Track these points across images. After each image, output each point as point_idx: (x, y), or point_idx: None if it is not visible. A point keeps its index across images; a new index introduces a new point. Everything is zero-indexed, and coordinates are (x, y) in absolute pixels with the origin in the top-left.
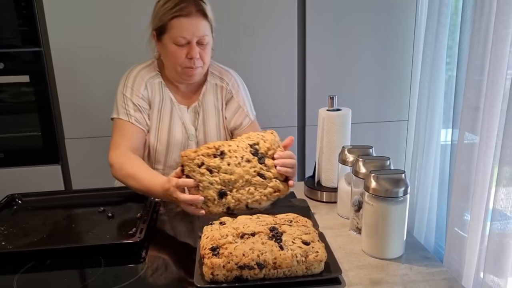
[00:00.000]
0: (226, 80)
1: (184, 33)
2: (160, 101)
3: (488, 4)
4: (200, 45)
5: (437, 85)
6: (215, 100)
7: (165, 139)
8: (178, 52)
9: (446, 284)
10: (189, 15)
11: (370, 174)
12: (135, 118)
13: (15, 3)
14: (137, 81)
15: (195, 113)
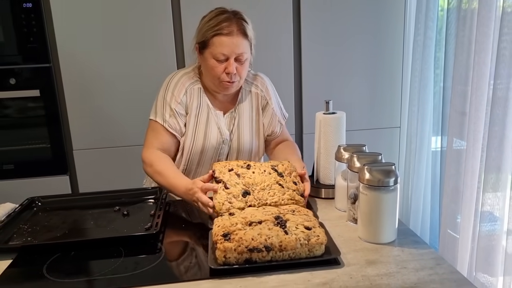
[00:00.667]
0: (260, 86)
1: (224, 50)
2: (197, 107)
3: (469, 17)
4: (238, 61)
5: (426, 93)
6: (250, 107)
7: (200, 142)
8: (217, 67)
9: (434, 262)
10: (230, 34)
11: (364, 166)
12: (169, 123)
13: (26, 21)
14: (178, 87)
15: (231, 119)
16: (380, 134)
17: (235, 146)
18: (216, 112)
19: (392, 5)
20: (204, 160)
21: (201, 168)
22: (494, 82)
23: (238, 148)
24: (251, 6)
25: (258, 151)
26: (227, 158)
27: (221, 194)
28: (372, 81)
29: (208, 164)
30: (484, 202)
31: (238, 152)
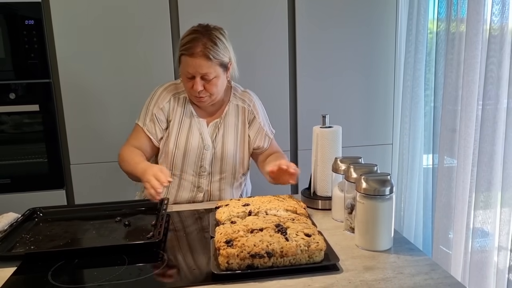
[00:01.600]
0: (247, 101)
1: (189, 69)
2: (181, 114)
3: (458, 39)
4: (205, 79)
5: (417, 111)
6: (236, 119)
7: (183, 145)
8: (186, 83)
9: (429, 267)
10: (192, 55)
11: (361, 176)
12: (148, 127)
13: (28, 38)
14: (163, 95)
15: (215, 128)
16: (372, 151)
17: (218, 154)
18: (199, 119)
19: (384, 28)
20: (187, 165)
21: (185, 174)
22: (483, 102)
23: (222, 156)
24: (246, 22)
25: (243, 162)
26: (211, 165)
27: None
28: (365, 99)
29: (192, 170)
30: (476, 218)
31: (222, 160)
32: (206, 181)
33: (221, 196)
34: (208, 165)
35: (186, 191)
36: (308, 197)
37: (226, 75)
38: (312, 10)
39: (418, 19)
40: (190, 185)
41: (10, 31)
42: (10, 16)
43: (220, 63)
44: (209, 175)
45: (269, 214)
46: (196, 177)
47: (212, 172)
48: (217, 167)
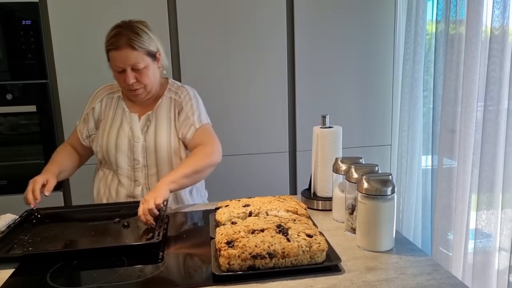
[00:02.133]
0: (179, 93)
1: (117, 63)
2: (114, 112)
3: (457, 41)
4: (136, 70)
5: (416, 112)
6: (168, 110)
7: (113, 141)
8: (118, 78)
9: (431, 268)
10: (118, 48)
11: (362, 176)
12: (80, 127)
13: (25, 38)
14: (96, 96)
15: (146, 121)
16: (371, 152)
17: (151, 146)
18: (131, 115)
19: (382, 29)
20: (121, 159)
21: (120, 169)
22: (485, 102)
23: (155, 148)
24: (245, 22)
25: (179, 154)
26: (145, 157)
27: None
28: (364, 100)
29: (126, 164)
30: (476, 219)
31: (156, 152)
32: (142, 174)
33: None
34: (142, 158)
35: (123, 185)
36: (308, 198)
37: (157, 65)
38: (311, 11)
39: (417, 21)
40: (127, 180)
41: (7, 31)
42: (7, 16)
43: (147, 52)
44: (145, 167)
45: (269, 214)
46: (132, 171)
47: (148, 165)
48: (151, 159)
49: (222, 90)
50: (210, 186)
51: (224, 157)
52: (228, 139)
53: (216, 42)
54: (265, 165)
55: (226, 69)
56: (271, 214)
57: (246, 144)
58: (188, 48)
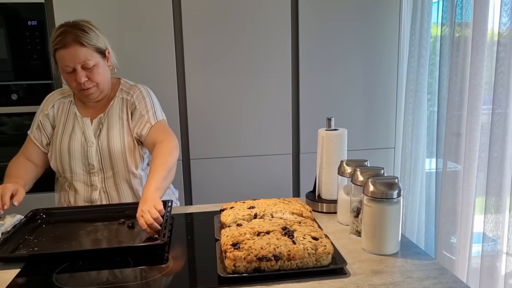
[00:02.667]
0: (131, 93)
1: (66, 62)
2: (65, 117)
3: (463, 44)
4: (86, 69)
5: (420, 115)
6: (120, 111)
7: (66, 147)
8: (68, 79)
9: (437, 272)
10: (65, 46)
11: (368, 179)
12: (34, 134)
13: (30, 39)
14: (48, 102)
15: (99, 124)
16: (375, 155)
17: (105, 149)
18: (83, 119)
19: (386, 32)
20: (75, 165)
21: (75, 175)
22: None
23: (109, 151)
24: (248, 22)
25: (134, 155)
26: (100, 161)
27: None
28: (367, 102)
29: (81, 169)
30: (482, 223)
31: (110, 155)
32: (99, 178)
33: (120, 194)
34: (96, 162)
35: (80, 191)
36: (313, 200)
37: (106, 63)
38: (315, 12)
39: (422, 23)
40: (83, 185)
41: (12, 32)
42: (13, 17)
43: (96, 49)
44: (101, 171)
45: (275, 217)
46: (87, 176)
47: (103, 169)
48: (106, 162)
49: (226, 92)
50: (213, 187)
51: (228, 159)
52: (231, 140)
53: (220, 43)
54: (269, 167)
55: (230, 71)
56: (276, 216)
57: (249, 145)
58: (192, 49)
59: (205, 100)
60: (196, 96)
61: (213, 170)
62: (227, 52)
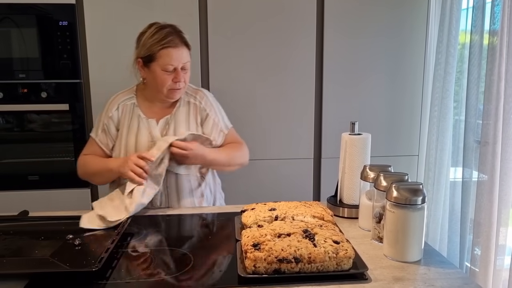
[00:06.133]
0: (198, 98)
1: (172, 61)
2: (129, 119)
3: (498, 49)
4: (183, 70)
5: (445, 123)
6: (187, 115)
7: (132, 146)
8: (166, 78)
9: (461, 281)
10: (176, 46)
11: (391, 184)
12: (100, 138)
13: (61, 38)
14: (112, 103)
15: (165, 125)
16: (397, 162)
17: None
18: (148, 120)
19: (413, 38)
20: None
21: None
22: None
23: None
24: (274, 28)
25: None
26: None
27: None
28: (392, 108)
29: None
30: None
31: None
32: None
33: (180, 195)
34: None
35: None
36: (334, 205)
37: None
38: (341, 18)
39: (450, 30)
40: None
41: (43, 32)
42: (45, 18)
43: (190, 54)
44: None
45: (295, 219)
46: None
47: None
48: (171, 163)
49: (249, 95)
50: (234, 188)
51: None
52: (253, 143)
53: (244, 46)
54: (290, 170)
55: (253, 74)
56: (297, 219)
57: (271, 149)
58: (217, 52)
59: (229, 103)
60: (220, 99)
61: (235, 172)
62: (250, 55)
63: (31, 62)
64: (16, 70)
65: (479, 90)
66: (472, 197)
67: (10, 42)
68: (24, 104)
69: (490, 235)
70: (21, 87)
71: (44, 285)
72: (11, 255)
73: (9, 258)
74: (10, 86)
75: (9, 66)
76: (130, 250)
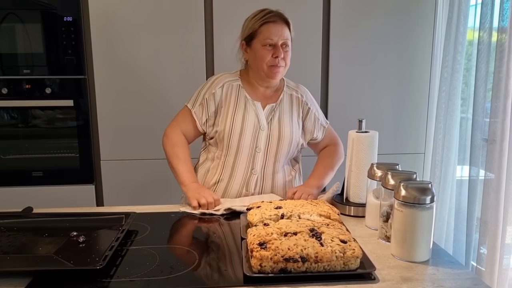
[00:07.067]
0: (300, 92)
1: (272, 35)
2: (236, 98)
3: (507, 47)
4: (284, 48)
5: (452, 120)
6: (290, 106)
7: (239, 125)
8: (266, 53)
9: (471, 282)
10: (276, 21)
11: (400, 183)
12: (195, 110)
13: (66, 34)
14: (216, 81)
15: (271, 111)
16: (404, 159)
17: (275, 136)
18: (254, 102)
19: (421, 35)
20: (243, 144)
21: (240, 154)
22: None
23: (279, 137)
24: None
25: (298, 145)
26: (266, 146)
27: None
28: (398, 105)
29: (247, 150)
30: None
31: (279, 142)
32: (260, 162)
33: (274, 184)
34: (263, 146)
35: (240, 172)
36: (341, 203)
37: None
38: (347, 13)
39: (458, 27)
40: (244, 166)
41: (48, 27)
42: (50, 13)
43: (291, 37)
44: (264, 156)
45: (302, 218)
46: (251, 158)
47: (267, 154)
48: (272, 148)
49: None
50: None
51: None
52: None
53: None
54: None
55: None
56: (303, 218)
57: None
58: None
59: None
60: None
61: None
62: None
63: (35, 57)
64: (21, 66)
65: (486, 88)
66: (478, 196)
67: (15, 38)
68: (29, 100)
69: (497, 234)
70: (26, 83)
71: (47, 282)
72: (15, 252)
73: (13, 255)
74: (15, 81)
75: (14, 61)
76: (134, 248)
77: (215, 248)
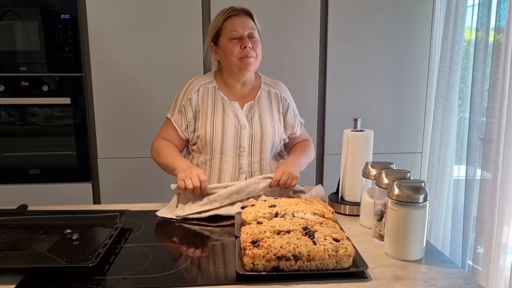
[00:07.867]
0: (278, 88)
1: (236, 27)
2: (213, 101)
3: (504, 46)
4: (251, 38)
5: (449, 120)
6: (269, 102)
7: (219, 127)
8: (233, 46)
9: (463, 281)
10: (238, 15)
11: (393, 182)
12: (175, 118)
13: (63, 31)
14: (191, 86)
15: (249, 109)
16: (400, 159)
17: (257, 133)
18: (232, 103)
19: (418, 34)
20: (226, 146)
21: (225, 156)
22: None
23: (262, 135)
24: (277, 21)
25: (281, 140)
26: (250, 144)
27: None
28: (396, 105)
29: (231, 151)
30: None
31: (262, 139)
32: (247, 161)
33: None
34: (247, 145)
35: (228, 173)
36: (336, 202)
37: None
38: (345, 11)
39: (455, 27)
40: (231, 167)
41: (46, 25)
42: (47, 11)
43: (258, 30)
44: (249, 155)
45: (296, 216)
46: (236, 158)
47: (252, 153)
48: (256, 146)
49: None
50: None
51: None
52: None
53: None
54: None
55: None
56: (297, 216)
57: None
58: None
59: None
60: None
61: None
62: None
63: (33, 55)
64: (18, 63)
65: (484, 88)
66: (475, 195)
67: (13, 35)
68: (26, 97)
69: (493, 234)
70: (23, 80)
71: (40, 280)
72: (8, 249)
73: (6, 252)
74: (12, 79)
75: (12, 59)
76: (128, 246)
77: (208, 246)
